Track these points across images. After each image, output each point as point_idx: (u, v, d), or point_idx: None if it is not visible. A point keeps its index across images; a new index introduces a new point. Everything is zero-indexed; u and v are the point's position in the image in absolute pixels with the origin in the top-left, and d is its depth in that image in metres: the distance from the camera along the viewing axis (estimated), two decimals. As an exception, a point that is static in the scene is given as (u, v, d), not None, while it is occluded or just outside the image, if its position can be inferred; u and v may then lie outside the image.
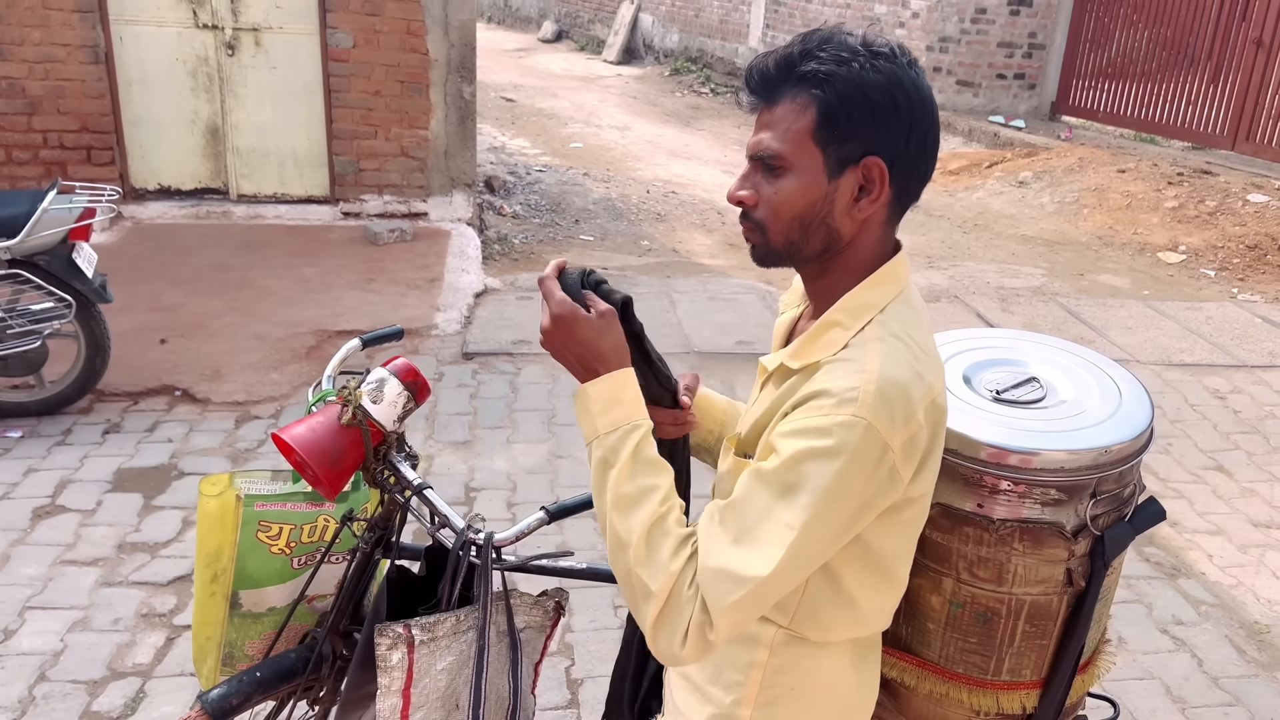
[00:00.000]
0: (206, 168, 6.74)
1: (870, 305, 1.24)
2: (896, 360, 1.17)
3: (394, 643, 1.43)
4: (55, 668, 2.86)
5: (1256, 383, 5.26)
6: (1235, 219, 7.79)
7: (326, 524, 1.79)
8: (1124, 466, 1.35)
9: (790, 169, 1.20)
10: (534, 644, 1.64)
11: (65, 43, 6.17)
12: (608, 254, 7.05)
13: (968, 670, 1.43)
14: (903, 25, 11.20)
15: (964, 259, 7.33)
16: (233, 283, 5.68)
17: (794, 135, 1.19)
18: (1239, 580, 3.59)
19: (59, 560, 3.34)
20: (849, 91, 1.17)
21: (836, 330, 1.23)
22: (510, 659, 1.54)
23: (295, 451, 1.49)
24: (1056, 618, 1.39)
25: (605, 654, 3.02)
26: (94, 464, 3.93)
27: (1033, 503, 1.33)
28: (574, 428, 4.41)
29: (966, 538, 1.37)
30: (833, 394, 1.14)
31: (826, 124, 1.18)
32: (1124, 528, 1.38)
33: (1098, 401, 1.42)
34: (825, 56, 1.18)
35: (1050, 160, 9.41)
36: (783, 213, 1.22)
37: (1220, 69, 9.36)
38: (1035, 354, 1.55)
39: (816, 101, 1.18)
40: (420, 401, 1.60)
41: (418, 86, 6.65)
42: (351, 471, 1.56)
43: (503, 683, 1.54)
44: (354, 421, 1.52)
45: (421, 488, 1.55)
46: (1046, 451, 1.32)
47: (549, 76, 15.17)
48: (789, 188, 1.20)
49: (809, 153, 1.19)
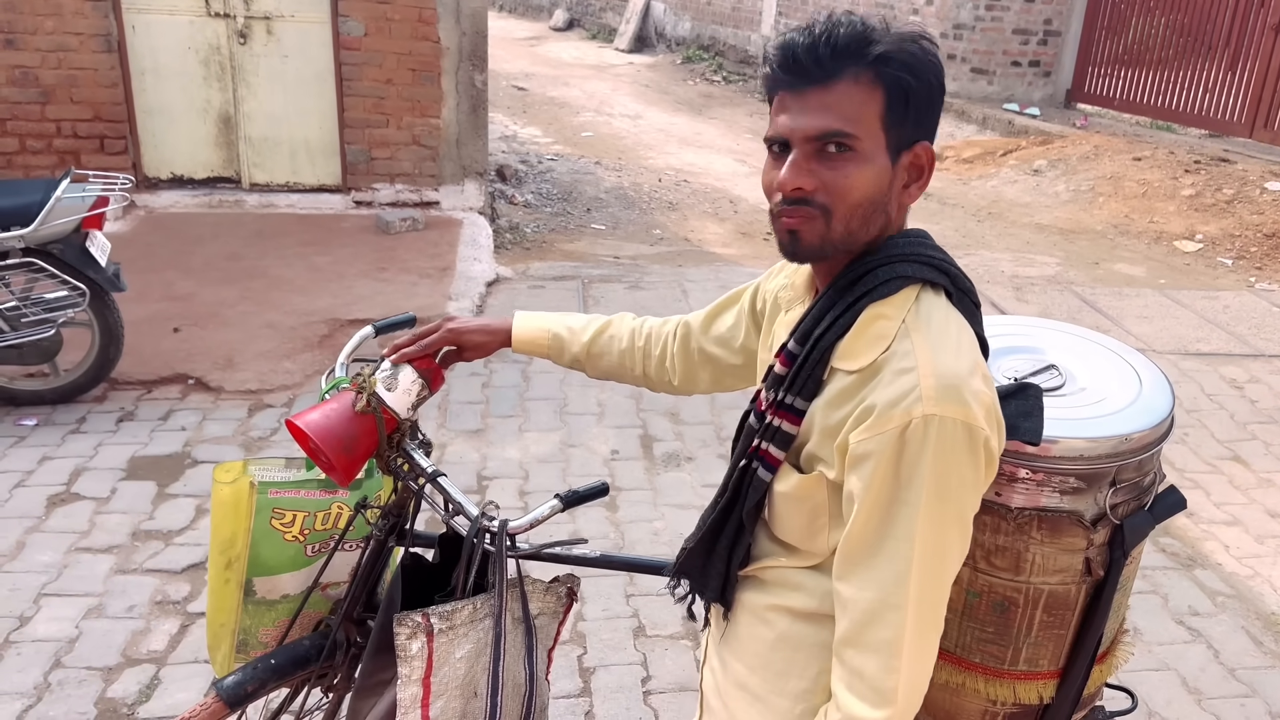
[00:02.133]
0: (219, 157, 6.74)
1: (906, 291, 1.21)
2: (945, 343, 1.16)
3: (414, 632, 1.43)
4: (70, 654, 2.88)
5: (1274, 372, 5.21)
6: (1253, 207, 7.72)
7: (340, 511, 1.79)
8: (1144, 455, 1.33)
9: (861, 152, 1.15)
10: (547, 630, 1.63)
11: (78, 31, 6.17)
12: (619, 243, 7.04)
13: (984, 660, 1.42)
14: (916, 12, 11.12)
15: (978, 248, 7.28)
16: (245, 271, 5.69)
17: (864, 117, 1.15)
18: (1256, 571, 3.56)
19: (74, 547, 3.35)
20: (921, 74, 1.15)
21: (882, 322, 1.19)
22: (526, 645, 1.53)
23: (309, 438, 1.49)
24: (1075, 607, 1.38)
25: (617, 642, 3.02)
26: (108, 452, 3.95)
27: (1051, 491, 1.32)
28: (585, 416, 4.41)
29: (984, 526, 1.35)
30: (892, 403, 1.13)
31: (897, 106, 1.15)
32: (1144, 517, 1.36)
33: (1117, 389, 1.40)
34: (887, 38, 1.15)
35: (1065, 148, 9.33)
36: (851, 197, 1.16)
37: (1238, 56, 9.26)
38: (1054, 341, 1.53)
39: (886, 83, 1.15)
40: (434, 389, 1.59)
41: (429, 75, 6.64)
42: (365, 459, 1.56)
43: (519, 669, 1.54)
44: (368, 409, 1.52)
45: (436, 475, 1.55)
46: (1065, 439, 1.30)
47: (560, 65, 15.13)
48: (860, 172, 1.16)
49: (876, 136, 1.16)
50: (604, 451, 4.13)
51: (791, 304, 1.36)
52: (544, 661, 1.63)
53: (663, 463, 4.07)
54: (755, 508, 1.29)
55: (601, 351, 1.69)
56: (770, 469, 1.26)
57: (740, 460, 1.31)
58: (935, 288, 1.21)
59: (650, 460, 4.08)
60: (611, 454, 4.11)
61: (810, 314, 1.25)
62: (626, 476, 3.95)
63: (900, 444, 1.11)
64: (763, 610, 1.33)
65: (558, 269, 6.28)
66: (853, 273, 1.21)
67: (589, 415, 4.42)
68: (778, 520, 1.30)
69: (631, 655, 2.98)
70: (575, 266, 6.35)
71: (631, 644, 3.03)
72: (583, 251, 6.78)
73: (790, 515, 1.27)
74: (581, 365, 1.70)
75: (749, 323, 1.54)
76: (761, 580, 1.35)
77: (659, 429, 4.34)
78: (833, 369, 1.21)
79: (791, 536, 1.29)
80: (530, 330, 1.69)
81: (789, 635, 1.30)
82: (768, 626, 1.33)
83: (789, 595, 1.30)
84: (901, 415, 1.11)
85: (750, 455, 1.29)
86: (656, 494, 3.84)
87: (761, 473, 1.27)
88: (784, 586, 1.31)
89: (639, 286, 5.98)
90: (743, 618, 1.37)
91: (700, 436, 4.28)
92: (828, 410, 1.20)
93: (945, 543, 1.14)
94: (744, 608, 1.37)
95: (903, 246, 1.22)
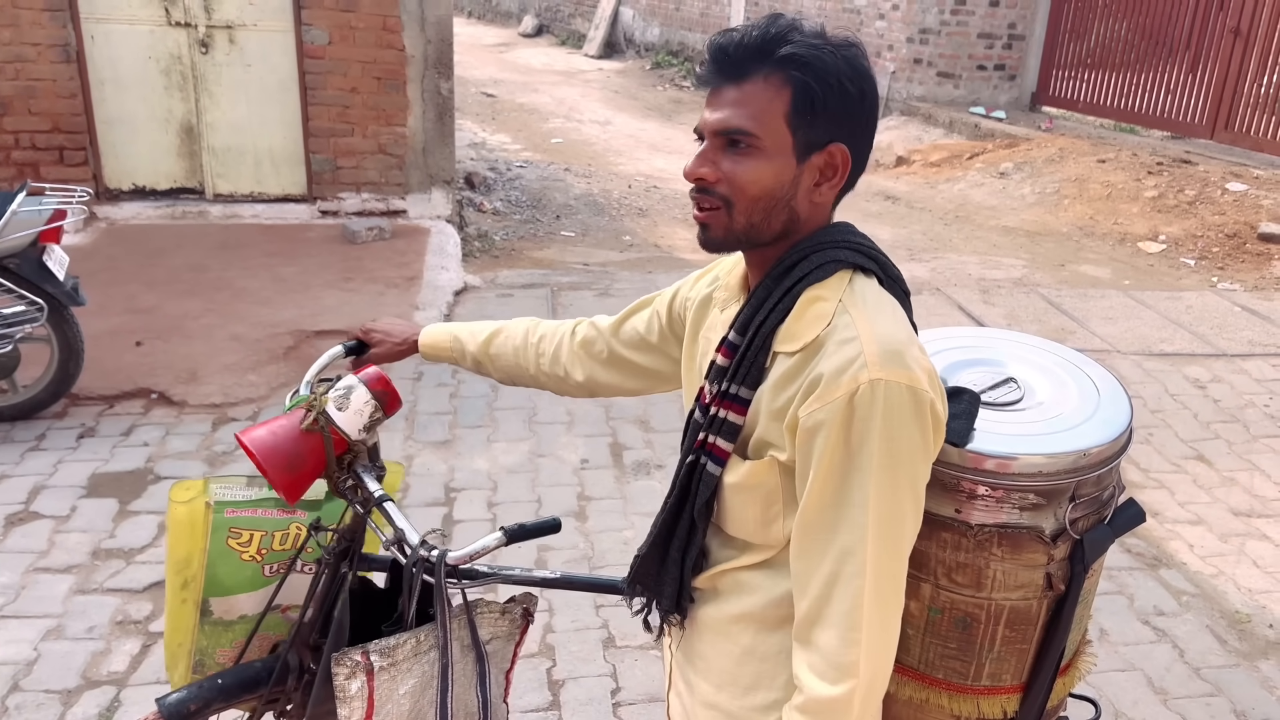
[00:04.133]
0: (181, 167, 6.67)
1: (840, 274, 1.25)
2: (883, 317, 1.19)
3: (352, 671, 1.39)
4: (29, 677, 2.82)
5: (1236, 371, 5.27)
6: (1214, 208, 7.82)
7: (299, 532, 1.76)
8: (1103, 469, 1.33)
9: (761, 149, 1.20)
10: (503, 653, 1.61)
11: (35, 42, 6.08)
12: (589, 249, 7.02)
13: (947, 676, 1.41)
14: (883, 17, 11.19)
15: (945, 251, 7.33)
16: (209, 283, 5.62)
17: (767, 115, 1.19)
18: (1220, 570, 3.59)
19: (32, 568, 3.29)
20: (826, 76, 1.18)
21: (820, 303, 1.22)
22: (478, 672, 1.51)
23: (253, 454, 1.46)
24: (1036, 622, 1.37)
25: (586, 654, 3.00)
26: (68, 469, 3.88)
27: (1011, 507, 1.31)
28: (554, 425, 4.38)
29: (944, 543, 1.35)
30: (839, 370, 1.15)
31: (802, 107, 1.18)
32: (1103, 530, 1.36)
33: (1076, 402, 1.40)
34: (800, 40, 1.18)
35: (1031, 151, 9.42)
36: (750, 191, 1.21)
37: (1198, 58, 9.39)
38: (1012, 353, 1.53)
39: (794, 84, 1.18)
40: (390, 413, 1.56)
41: (395, 83, 6.59)
42: (311, 478, 1.53)
43: (471, 698, 1.51)
44: (314, 427, 1.49)
45: (382, 499, 1.52)
46: (1024, 456, 1.30)
47: (529, 71, 15.10)
48: (759, 167, 1.20)
49: (780, 134, 1.20)
50: (573, 460, 4.10)
51: (727, 303, 1.39)
52: (500, 685, 1.60)
53: (633, 471, 4.05)
54: (706, 505, 1.31)
55: (498, 352, 1.74)
56: (719, 462, 1.28)
57: (688, 456, 1.34)
58: (867, 273, 1.26)
59: (620, 469, 4.07)
60: (581, 463, 4.09)
61: (748, 304, 1.28)
62: (596, 485, 3.93)
63: (849, 410, 1.14)
64: (725, 625, 1.33)
65: (527, 276, 6.25)
66: (787, 260, 1.26)
67: (558, 424, 4.40)
68: (729, 515, 1.31)
69: (601, 667, 2.96)
70: (544, 274, 6.33)
71: (601, 655, 3.01)
72: (552, 259, 6.75)
73: (743, 507, 1.29)
74: (484, 368, 1.76)
75: (663, 326, 1.58)
76: (717, 591, 1.35)
77: (629, 437, 4.32)
78: (775, 354, 1.24)
79: (744, 530, 1.31)
80: (435, 334, 1.78)
81: (754, 648, 1.31)
82: (731, 641, 1.33)
83: (745, 600, 1.31)
84: (849, 381, 1.14)
85: (698, 450, 1.31)
86: (627, 503, 3.82)
87: (710, 467, 1.29)
88: (738, 592, 1.32)
89: (609, 293, 5.96)
90: (705, 635, 1.37)
91: (670, 444, 4.27)
92: (774, 393, 1.22)
93: (899, 509, 1.16)
94: (705, 625, 1.37)
95: (833, 235, 1.27)
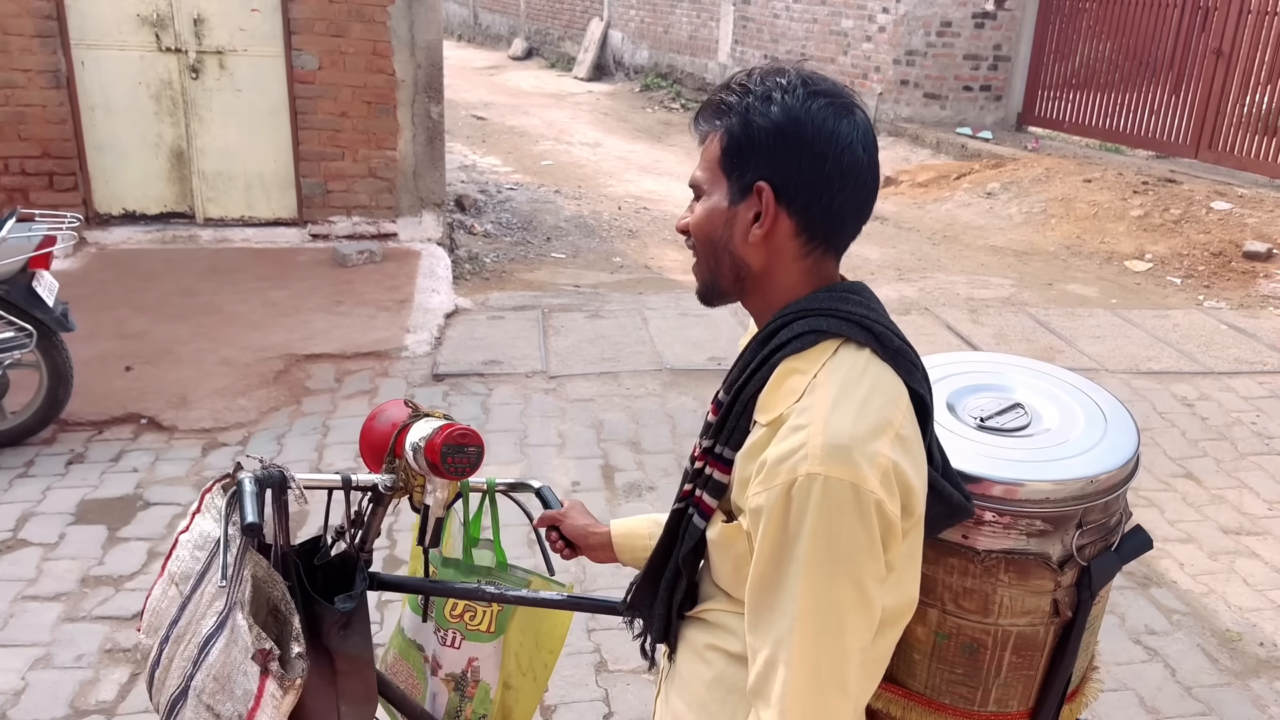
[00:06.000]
0: (172, 192, 6.65)
1: (823, 345, 1.21)
2: (848, 403, 1.15)
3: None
4: (16, 707, 2.78)
5: (1223, 389, 5.30)
6: (1200, 226, 7.88)
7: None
8: (1110, 496, 1.33)
9: (706, 195, 1.27)
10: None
11: (25, 68, 6.08)
12: (579, 271, 7.03)
13: (954, 701, 1.41)
14: (869, 39, 11.28)
15: (934, 270, 7.36)
16: (199, 308, 5.60)
17: (709, 163, 1.26)
18: (1210, 588, 3.60)
19: (20, 596, 3.25)
20: (751, 117, 1.21)
21: (796, 376, 1.20)
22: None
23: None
24: (1043, 648, 1.37)
25: (579, 678, 2.98)
26: (57, 496, 3.84)
27: (1018, 534, 1.31)
28: (546, 448, 4.37)
29: (951, 569, 1.34)
30: (780, 458, 1.14)
31: (729, 152, 1.23)
32: (1110, 557, 1.36)
33: (1083, 429, 1.40)
34: (734, 88, 1.24)
35: (1017, 171, 9.49)
36: (699, 236, 1.28)
37: (1182, 79, 9.49)
38: (1019, 379, 1.53)
39: (721, 131, 1.24)
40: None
41: (385, 107, 6.61)
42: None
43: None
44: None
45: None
46: (1031, 482, 1.30)
47: (519, 94, 15.16)
48: (701, 210, 1.27)
49: (719, 180, 1.25)
50: (565, 483, 4.09)
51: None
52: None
53: (624, 493, 4.04)
54: (692, 554, 1.33)
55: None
56: (704, 516, 1.30)
57: (677, 504, 1.36)
58: (859, 345, 1.21)
59: (612, 491, 4.05)
60: (573, 485, 4.08)
61: (735, 365, 1.30)
62: (588, 508, 3.91)
63: (786, 500, 1.13)
64: (702, 649, 1.36)
65: (517, 298, 6.25)
66: (771, 325, 1.26)
67: (550, 447, 4.39)
68: (713, 566, 1.34)
69: (593, 691, 2.94)
70: (535, 296, 6.33)
71: (593, 680, 2.99)
72: (543, 280, 6.75)
73: (721, 562, 1.31)
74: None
75: None
76: (705, 621, 1.37)
77: (620, 459, 4.31)
78: (754, 421, 1.24)
79: (724, 582, 1.32)
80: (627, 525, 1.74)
81: (724, 677, 1.32)
82: (706, 665, 1.35)
83: (725, 637, 1.33)
84: (788, 472, 1.13)
85: (687, 500, 1.33)
86: (621, 527, 3.80)
87: (696, 520, 1.31)
88: (722, 629, 1.34)
89: (599, 315, 5.96)
90: (686, 654, 1.39)
91: (661, 465, 4.26)
92: (744, 462, 1.23)
93: (837, 603, 1.13)
94: (688, 644, 1.39)
95: (822, 301, 1.23)
